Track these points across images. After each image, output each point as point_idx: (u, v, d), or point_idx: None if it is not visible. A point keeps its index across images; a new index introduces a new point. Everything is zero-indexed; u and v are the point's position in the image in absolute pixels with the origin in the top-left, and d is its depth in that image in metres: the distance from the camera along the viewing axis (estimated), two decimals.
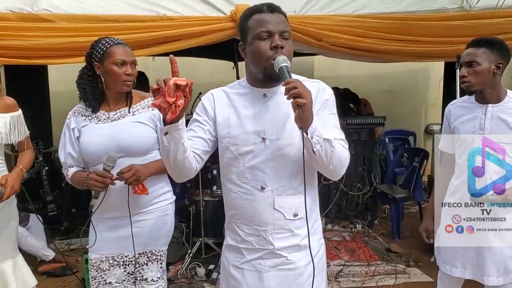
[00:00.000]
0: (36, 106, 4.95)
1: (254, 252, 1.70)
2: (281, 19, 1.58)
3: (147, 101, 2.20)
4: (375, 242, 4.58)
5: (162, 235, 2.23)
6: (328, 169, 1.55)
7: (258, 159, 1.62)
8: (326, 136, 1.48)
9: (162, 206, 2.22)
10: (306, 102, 1.40)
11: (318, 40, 3.53)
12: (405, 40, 3.69)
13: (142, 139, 2.12)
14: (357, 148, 4.95)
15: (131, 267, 2.20)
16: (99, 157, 2.09)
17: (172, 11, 3.44)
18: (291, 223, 1.65)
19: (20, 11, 3.24)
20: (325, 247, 1.83)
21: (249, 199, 1.64)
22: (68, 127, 2.19)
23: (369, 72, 6.57)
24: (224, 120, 1.66)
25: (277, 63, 1.50)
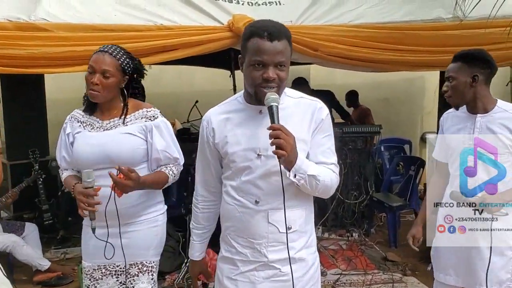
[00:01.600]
0: (33, 114, 4.97)
1: (249, 264, 1.72)
2: (280, 48, 1.55)
3: (142, 112, 2.16)
4: (371, 251, 4.57)
5: (153, 246, 2.20)
6: (314, 194, 1.68)
7: (254, 174, 1.66)
8: (310, 172, 1.57)
9: (152, 217, 2.19)
10: (285, 154, 1.47)
11: (315, 50, 3.55)
12: (401, 50, 3.73)
13: (132, 151, 2.09)
14: (353, 157, 4.95)
15: (123, 277, 2.18)
16: (89, 166, 2.08)
17: (169, 21, 3.47)
18: (285, 236, 1.66)
19: (17, 20, 3.25)
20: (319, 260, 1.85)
21: (244, 212, 1.68)
22: (64, 131, 2.20)
23: (365, 80, 6.60)
24: (221, 139, 1.71)
25: (267, 101, 1.55)
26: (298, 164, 1.53)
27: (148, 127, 2.12)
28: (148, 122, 2.13)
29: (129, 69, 2.13)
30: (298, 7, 3.70)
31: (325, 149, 1.68)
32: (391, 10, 3.84)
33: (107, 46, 2.13)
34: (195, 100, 5.51)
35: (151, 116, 2.14)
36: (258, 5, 3.73)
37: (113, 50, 2.10)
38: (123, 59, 2.11)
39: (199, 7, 3.58)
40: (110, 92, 2.09)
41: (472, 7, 3.40)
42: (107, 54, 2.08)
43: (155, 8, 3.52)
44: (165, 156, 2.15)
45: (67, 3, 3.41)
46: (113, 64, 2.07)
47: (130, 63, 2.14)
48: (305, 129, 1.65)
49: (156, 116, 2.15)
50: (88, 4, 3.46)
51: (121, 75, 2.10)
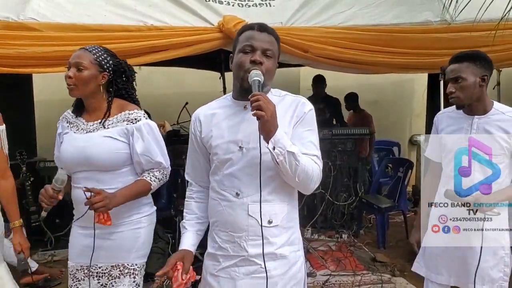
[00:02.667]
0: (20, 115, 4.90)
1: (230, 259, 1.73)
2: (268, 39, 1.67)
3: (124, 114, 2.11)
4: (360, 252, 4.59)
5: (135, 249, 2.16)
6: (294, 181, 1.62)
7: (235, 167, 1.69)
8: (290, 149, 1.56)
9: (135, 219, 2.16)
10: (264, 114, 1.49)
11: (305, 51, 3.57)
12: (390, 52, 3.75)
13: (112, 154, 2.05)
14: (342, 158, 4.98)
15: (104, 279, 2.15)
16: (72, 168, 2.09)
17: (159, 21, 3.46)
18: (265, 230, 1.67)
19: (5, 19, 3.22)
20: (304, 261, 1.85)
21: (225, 205, 1.70)
22: (57, 132, 2.20)
23: (355, 83, 6.64)
24: (207, 133, 1.77)
25: (250, 76, 1.60)
26: (278, 136, 1.54)
27: (130, 130, 2.08)
28: (129, 125, 2.08)
29: (107, 65, 2.10)
30: (288, 8, 3.71)
31: (306, 142, 1.68)
32: (381, 13, 3.87)
33: (88, 46, 2.13)
34: (184, 102, 5.51)
35: (133, 119, 2.10)
36: (248, 6, 3.74)
37: (90, 47, 2.11)
38: (99, 54, 2.09)
39: (190, 8, 3.58)
40: (86, 86, 2.05)
41: (459, 10, 3.44)
42: (83, 50, 2.09)
43: (146, 8, 3.51)
44: (146, 160, 2.11)
45: (56, 3, 3.39)
46: (87, 57, 2.06)
47: (108, 58, 2.12)
48: (286, 122, 1.67)
49: (138, 118, 2.10)
50: (78, 4, 3.44)
51: (97, 69, 2.07)
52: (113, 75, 2.14)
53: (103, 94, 2.13)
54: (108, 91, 2.15)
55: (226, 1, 3.71)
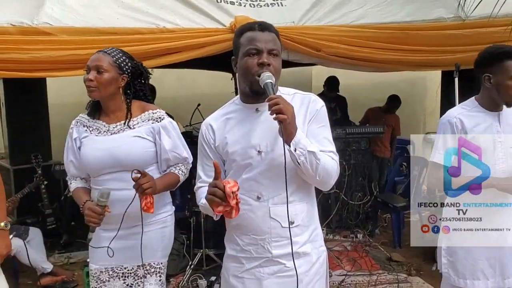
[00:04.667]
0: (35, 119, 4.97)
1: (253, 260, 1.73)
2: (271, 37, 1.66)
3: (148, 114, 2.16)
4: (376, 252, 4.56)
5: (161, 248, 2.21)
6: (315, 179, 1.63)
7: (255, 171, 1.69)
8: (310, 148, 1.57)
9: (161, 218, 2.21)
10: (286, 117, 1.49)
11: (317, 50, 3.56)
12: (403, 50, 3.73)
13: (141, 154, 2.10)
14: (357, 158, 4.95)
15: (130, 279, 2.18)
16: (98, 170, 2.10)
17: (172, 24, 3.48)
18: (287, 230, 1.66)
19: (20, 24, 3.25)
20: (327, 255, 1.85)
21: (246, 209, 1.68)
22: (71, 137, 2.19)
23: (367, 81, 6.60)
24: (221, 140, 1.75)
25: (262, 79, 1.59)
26: (298, 137, 1.55)
27: (156, 128, 2.13)
28: (155, 123, 2.13)
29: (126, 67, 2.13)
30: (300, 8, 3.71)
31: (321, 139, 1.69)
32: (393, 11, 3.85)
33: (106, 48, 2.15)
34: (196, 103, 5.52)
35: (158, 118, 2.15)
36: (260, 6, 3.74)
37: (108, 49, 2.14)
38: (118, 56, 2.12)
39: (201, 10, 3.59)
40: (107, 88, 2.08)
41: (474, 6, 3.40)
42: (101, 53, 2.11)
43: (158, 11, 3.52)
44: (174, 156, 2.17)
45: (69, 7, 3.41)
46: (107, 60, 2.08)
47: (127, 61, 2.14)
48: (300, 121, 1.66)
49: (162, 117, 2.16)
50: (90, 8, 3.46)
51: (117, 71, 2.10)
52: (131, 77, 2.16)
53: (121, 96, 2.15)
54: (126, 93, 2.16)
55: (238, 2, 3.71)
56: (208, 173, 1.80)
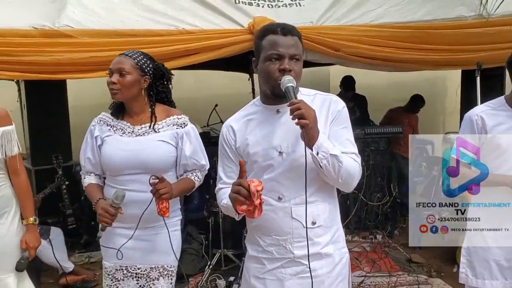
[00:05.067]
0: (56, 120, 5.04)
1: (275, 261, 1.73)
2: (293, 42, 1.65)
3: (173, 119, 2.17)
4: (395, 253, 4.52)
5: (174, 251, 2.20)
6: (338, 182, 1.63)
7: (276, 171, 1.68)
8: (333, 151, 1.56)
9: (173, 221, 2.21)
10: (308, 122, 1.49)
11: (336, 50, 3.55)
12: (423, 49, 3.70)
13: (164, 158, 2.12)
14: (376, 158, 4.92)
15: (143, 280, 2.19)
16: (119, 170, 2.12)
17: (190, 25, 3.50)
18: (310, 231, 1.67)
19: (42, 27, 3.30)
20: (349, 257, 1.84)
21: (267, 210, 1.67)
22: (91, 134, 2.20)
23: (385, 80, 6.55)
24: (242, 142, 1.75)
25: (283, 83, 1.59)
26: (320, 141, 1.55)
27: (179, 134, 2.14)
28: (179, 129, 2.15)
29: (147, 68, 2.14)
30: (318, 8, 3.70)
31: (343, 140, 1.68)
32: (412, 10, 3.82)
33: (127, 51, 2.17)
34: (213, 104, 5.54)
35: (182, 123, 2.17)
36: (278, 7, 3.74)
37: (129, 52, 2.16)
38: (139, 59, 2.13)
39: (220, 11, 3.60)
40: (129, 90, 2.10)
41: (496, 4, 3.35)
42: (123, 56, 2.13)
43: (177, 12, 3.54)
44: (192, 162, 2.18)
45: (90, 10, 3.46)
46: (129, 62, 2.10)
47: (148, 62, 2.15)
48: (322, 122, 1.65)
49: (186, 123, 2.18)
50: (111, 10, 3.50)
51: (139, 73, 2.11)
52: (153, 79, 2.18)
53: (144, 98, 2.17)
54: (149, 95, 2.18)
55: (256, 3, 3.72)
56: (229, 174, 1.81)
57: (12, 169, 2.35)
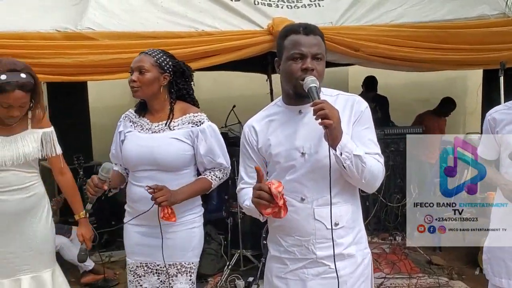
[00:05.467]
0: (77, 121, 5.11)
1: (298, 261, 1.73)
2: (316, 41, 1.65)
3: (189, 117, 2.19)
4: (415, 254, 4.47)
5: (191, 247, 2.24)
6: (361, 182, 1.63)
7: (298, 172, 1.68)
8: (356, 152, 1.56)
9: (189, 219, 2.23)
10: (332, 122, 1.48)
11: (356, 50, 3.53)
12: (444, 49, 3.66)
13: (178, 155, 2.14)
14: (395, 159, 4.87)
15: (162, 276, 2.23)
16: (136, 166, 2.18)
17: (210, 27, 3.51)
18: (333, 232, 1.66)
19: (64, 30, 3.36)
20: (371, 258, 1.84)
21: (290, 210, 1.66)
22: (118, 129, 2.29)
23: (405, 81, 6.48)
24: (264, 142, 1.76)
25: (306, 83, 1.58)
26: (344, 141, 1.54)
27: (195, 132, 2.16)
28: (194, 127, 2.16)
29: (167, 66, 2.18)
30: (338, 8, 3.68)
31: (366, 141, 1.68)
32: (433, 9, 3.78)
33: (147, 50, 2.22)
34: (231, 105, 5.55)
35: (198, 121, 2.18)
36: (297, 7, 3.73)
37: (149, 50, 2.21)
38: (158, 56, 2.17)
39: (239, 12, 3.61)
40: (149, 87, 2.14)
41: None
42: (143, 54, 2.18)
43: (196, 14, 3.57)
44: (208, 160, 2.19)
45: (111, 12, 3.50)
46: (148, 60, 2.15)
47: (167, 60, 2.20)
48: (345, 123, 1.65)
49: (202, 121, 2.19)
50: (131, 13, 3.54)
51: (158, 70, 2.15)
52: (173, 76, 2.21)
53: (165, 95, 2.21)
54: (170, 92, 2.22)
55: (275, 4, 3.72)
56: (251, 175, 1.82)
57: (57, 169, 2.47)
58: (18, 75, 2.15)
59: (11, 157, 2.27)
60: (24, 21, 3.45)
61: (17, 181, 2.32)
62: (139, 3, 3.62)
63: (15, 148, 2.28)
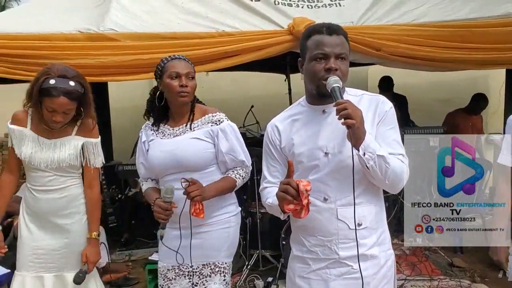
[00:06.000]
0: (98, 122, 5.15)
1: (320, 262, 1.73)
2: (339, 41, 1.64)
3: (208, 117, 2.21)
4: (436, 256, 4.41)
5: (225, 248, 2.24)
6: (384, 183, 1.62)
7: (322, 172, 1.68)
8: (380, 152, 1.55)
9: (224, 218, 2.24)
10: (355, 122, 1.48)
11: (377, 50, 3.51)
12: (467, 48, 3.61)
13: (199, 154, 2.15)
14: (415, 159, 4.81)
15: (195, 278, 2.22)
16: (163, 171, 2.18)
17: (231, 27, 3.53)
18: (355, 232, 1.65)
19: (87, 31, 3.42)
20: (394, 259, 1.82)
21: (312, 210, 1.66)
22: (141, 140, 2.29)
23: (425, 80, 6.40)
24: (288, 142, 1.76)
25: (329, 84, 1.58)
26: (367, 141, 1.54)
27: (215, 131, 2.17)
28: (214, 126, 2.18)
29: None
30: (358, 7, 3.67)
31: (390, 141, 1.66)
32: (455, 8, 3.74)
33: (175, 55, 2.23)
34: (249, 105, 5.56)
35: (217, 120, 2.20)
36: (318, 7, 3.73)
37: (183, 56, 2.23)
38: (192, 65, 2.23)
39: (260, 12, 3.63)
40: (193, 93, 2.20)
41: None
42: (183, 60, 2.20)
43: (217, 15, 3.59)
44: (230, 158, 2.20)
45: (133, 13, 3.55)
46: (191, 67, 2.19)
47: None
48: (369, 123, 1.64)
49: (221, 120, 2.20)
50: (152, 14, 3.58)
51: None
52: None
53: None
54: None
55: (295, 3, 3.72)
56: (274, 174, 1.83)
57: (88, 180, 2.45)
58: (67, 82, 2.17)
59: (46, 160, 2.30)
60: (48, 22, 3.52)
61: (51, 182, 2.35)
62: (160, 4, 3.67)
63: (52, 152, 2.31)
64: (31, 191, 2.37)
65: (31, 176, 2.37)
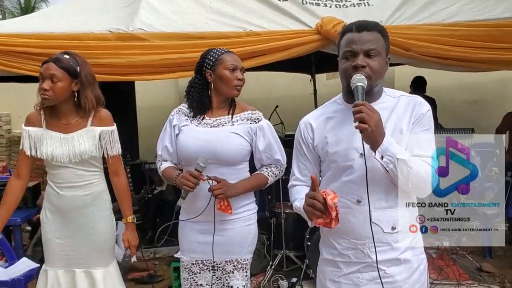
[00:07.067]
0: (124, 120, 5.22)
1: (352, 265, 1.70)
2: (370, 37, 1.61)
3: (247, 114, 2.25)
4: (464, 261, 4.33)
5: (247, 244, 2.27)
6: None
7: (355, 174, 1.65)
8: (400, 156, 1.52)
9: (245, 215, 2.26)
10: (368, 127, 1.46)
11: (407, 50, 3.45)
12: (499, 48, 3.52)
13: (237, 150, 2.18)
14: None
15: (219, 272, 2.26)
16: (194, 159, 2.17)
17: (258, 27, 3.53)
18: (389, 236, 1.64)
19: (117, 31, 3.46)
20: (427, 264, 1.79)
21: (345, 213, 1.64)
22: (170, 123, 2.29)
23: (453, 81, 6.29)
24: (321, 140, 1.74)
25: (353, 82, 1.57)
26: (386, 145, 1.51)
27: (253, 129, 2.21)
28: (253, 124, 2.21)
29: None
30: (388, 7, 3.63)
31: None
32: (488, 7, 3.66)
33: (224, 49, 2.29)
34: (274, 106, 5.55)
35: (256, 119, 2.23)
36: (346, 6, 3.70)
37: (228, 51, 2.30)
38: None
39: (287, 12, 3.62)
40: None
41: None
42: (232, 53, 2.27)
43: (244, 14, 3.60)
44: (266, 156, 2.24)
45: (161, 13, 3.58)
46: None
47: None
48: (405, 123, 1.63)
49: (260, 118, 2.25)
50: (181, 14, 3.61)
51: None
52: None
53: None
54: None
55: (323, 3, 3.69)
56: (303, 172, 1.82)
57: (112, 169, 2.50)
58: (63, 54, 2.29)
59: (68, 154, 2.32)
60: (78, 22, 3.58)
61: (74, 178, 2.38)
62: (188, 5, 3.69)
63: (71, 146, 2.33)
64: (54, 188, 2.40)
65: (53, 173, 2.40)
